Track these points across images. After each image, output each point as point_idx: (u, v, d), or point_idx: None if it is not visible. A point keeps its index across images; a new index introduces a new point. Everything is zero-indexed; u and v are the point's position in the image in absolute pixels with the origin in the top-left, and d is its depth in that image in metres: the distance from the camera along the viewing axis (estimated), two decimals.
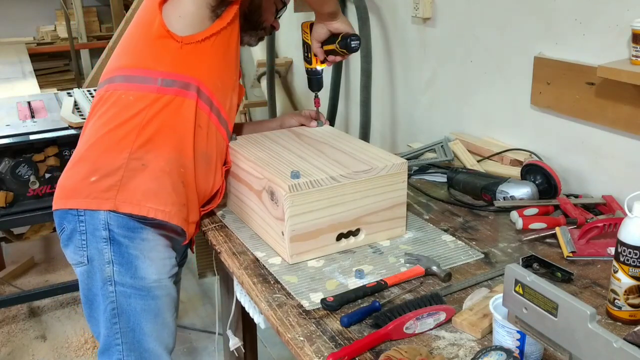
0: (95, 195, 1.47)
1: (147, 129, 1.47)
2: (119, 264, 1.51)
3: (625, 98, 1.58)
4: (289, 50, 3.52)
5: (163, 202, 1.48)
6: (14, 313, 3.11)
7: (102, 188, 1.47)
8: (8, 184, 2.43)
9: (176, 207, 1.50)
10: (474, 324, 1.15)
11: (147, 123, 1.47)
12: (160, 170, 1.48)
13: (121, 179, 1.46)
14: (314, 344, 1.13)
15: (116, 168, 1.46)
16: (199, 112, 1.51)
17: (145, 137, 1.47)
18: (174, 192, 1.50)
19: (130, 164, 1.46)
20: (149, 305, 1.55)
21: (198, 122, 1.52)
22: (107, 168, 1.47)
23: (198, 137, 1.53)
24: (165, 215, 1.48)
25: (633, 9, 1.55)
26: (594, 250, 1.41)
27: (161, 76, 1.48)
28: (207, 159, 1.57)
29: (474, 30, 2.09)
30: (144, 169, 1.47)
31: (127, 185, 1.46)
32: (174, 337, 1.66)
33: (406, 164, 1.50)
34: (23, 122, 2.52)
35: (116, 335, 1.55)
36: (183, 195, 1.52)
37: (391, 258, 1.43)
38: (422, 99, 2.43)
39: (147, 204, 1.47)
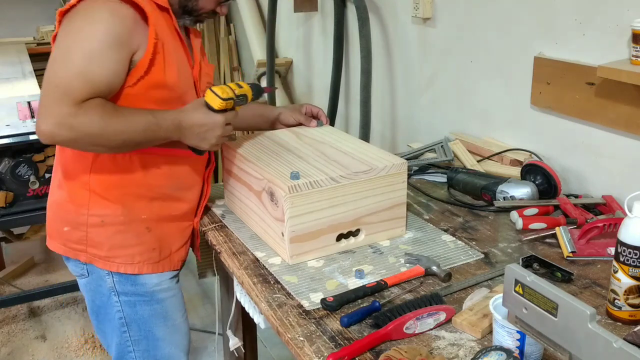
0: (69, 245, 1.52)
1: (95, 186, 1.47)
2: (117, 275, 1.53)
3: (625, 98, 1.58)
4: (289, 50, 3.52)
5: (130, 255, 1.51)
6: (14, 313, 3.11)
7: (73, 239, 1.51)
8: (8, 184, 2.43)
9: (145, 256, 1.53)
10: (474, 324, 1.15)
11: (93, 180, 1.47)
12: (120, 224, 1.49)
13: (86, 234, 1.49)
14: (314, 344, 1.13)
15: (80, 223, 1.49)
16: (149, 159, 1.48)
17: (96, 195, 1.47)
18: (139, 242, 1.51)
19: (90, 220, 1.48)
20: (155, 310, 1.56)
21: (154, 166, 1.49)
22: (73, 221, 1.50)
23: (159, 179, 1.51)
24: (135, 268, 1.52)
25: (633, 9, 1.55)
26: (594, 250, 1.41)
27: None
28: (182, 186, 1.56)
29: (474, 30, 2.09)
30: (104, 225, 1.49)
31: (93, 240, 1.50)
32: (188, 337, 1.67)
33: (406, 164, 1.50)
34: (23, 122, 2.52)
35: (127, 344, 1.57)
36: (151, 240, 1.53)
37: (391, 258, 1.43)
38: (422, 99, 2.42)
39: (116, 260, 1.51)
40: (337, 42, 2.83)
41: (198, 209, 1.65)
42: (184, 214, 1.60)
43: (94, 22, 1.31)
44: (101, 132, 1.30)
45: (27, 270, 3.45)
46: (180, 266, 1.63)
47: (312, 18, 3.18)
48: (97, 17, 1.31)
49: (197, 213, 1.65)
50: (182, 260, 1.63)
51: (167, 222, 1.56)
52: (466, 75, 2.16)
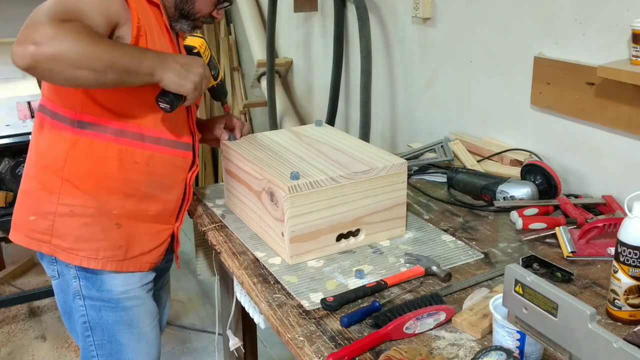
0: (33, 235, 1.48)
1: (69, 174, 1.43)
2: (84, 279, 1.51)
3: (625, 98, 1.58)
4: (289, 50, 3.52)
5: (94, 250, 1.47)
6: (14, 313, 3.11)
7: (38, 229, 1.47)
8: (8, 184, 2.43)
9: (109, 252, 1.48)
10: (474, 324, 1.15)
11: (67, 168, 1.43)
12: (90, 216, 1.45)
13: (53, 223, 1.45)
14: (313, 344, 1.13)
15: (48, 212, 1.45)
16: (126, 151, 1.44)
17: (69, 183, 1.43)
18: (105, 238, 1.47)
19: (59, 210, 1.44)
20: (120, 317, 1.54)
21: (132, 160, 1.45)
22: (41, 209, 1.46)
23: (136, 173, 1.47)
24: (98, 263, 1.48)
25: (633, 9, 1.55)
26: (594, 250, 1.41)
27: (76, 117, 1.41)
28: (159, 184, 1.52)
29: (474, 30, 2.09)
30: (73, 215, 1.45)
31: (59, 230, 1.45)
32: (155, 346, 1.64)
33: (406, 164, 1.50)
34: (23, 122, 2.52)
35: (91, 347, 1.56)
36: (118, 238, 1.49)
37: (391, 258, 1.43)
38: (422, 99, 2.42)
39: (80, 252, 1.46)
40: (337, 42, 2.83)
41: (180, 213, 1.61)
42: (160, 215, 1.55)
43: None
44: (87, 48, 1.21)
45: (27, 270, 3.45)
46: (149, 268, 1.57)
47: (312, 18, 3.18)
48: None
49: (178, 218, 1.61)
50: (152, 263, 1.57)
51: (139, 221, 1.51)
52: (466, 75, 2.16)
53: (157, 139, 1.48)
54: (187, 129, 1.56)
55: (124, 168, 1.45)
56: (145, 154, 1.47)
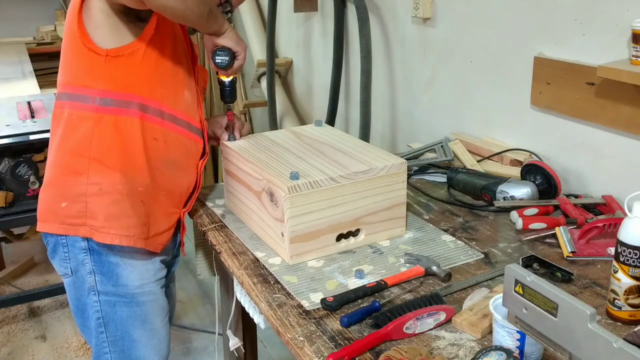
0: (68, 221, 1.48)
1: (95, 152, 1.45)
2: (100, 273, 1.51)
3: (625, 98, 1.58)
4: (289, 50, 3.52)
5: (126, 226, 1.48)
6: (14, 313, 3.11)
7: (72, 214, 1.48)
8: (8, 184, 2.43)
9: (138, 229, 1.50)
10: (474, 324, 1.15)
11: (94, 146, 1.45)
12: (118, 193, 1.47)
13: (86, 205, 1.46)
14: (314, 344, 1.13)
15: (79, 194, 1.46)
16: (148, 127, 1.49)
17: (96, 161, 1.46)
18: (135, 214, 1.49)
19: (89, 190, 1.46)
20: (134, 312, 1.55)
21: (152, 136, 1.49)
22: (71, 194, 1.47)
23: (155, 151, 1.51)
24: (130, 240, 1.49)
25: (633, 9, 1.55)
26: (594, 250, 1.41)
27: (98, 95, 1.44)
28: (174, 164, 1.56)
29: (474, 30, 2.09)
30: (102, 194, 1.46)
31: (92, 210, 1.47)
32: (166, 342, 1.65)
33: (406, 164, 1.50)
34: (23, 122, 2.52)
35: (104, 344, 1.56)
36: (143, 215, 1.51)
37: (391, 258, 1.43)
38: (422, 99, 2.42)
39: (111, 230, 1.48)
40: (337, 42, 2.83)
41: (189, 199, 1.63)
42: (172, 197, 1.58)
43: None
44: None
45: (27, 270, 3.45)
46: (160, 250, 1.58)
47: (312, 18, 3.18)
48: None
49: (186, 204, 1.63)
50: (162, 245, 1.58)
51: (156, 201, 1.54)
52: (466, 75, 2.16)
53: (174, 117, 1.53)
54: (197, 115, 1.61)
55: (146, 144, 1.48)
56: (164, 131, 1.51)
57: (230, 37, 1.51)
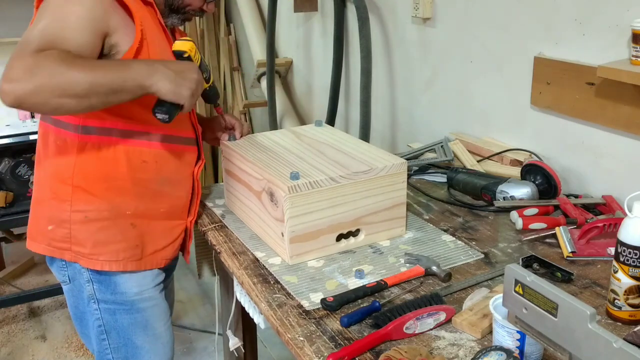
0: (54, 244, 1.47)
1: (78, 180, 1.43)
2: (98, 282, 1.50)
3: (625, 98, 1.58)
4: (289, 50, 3.52)
5: (114, 252, 1.47)
6: (14, 313, 3.11)
7: (58, 238, 1.46)
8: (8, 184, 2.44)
9: (129, 253, 1.49)
10: (474, 324, 1.15)
11: (77, 174, 1.42)
12: (105, 220, 1.45)
13: (70, 231, 1.45)
14: (313, 344, 1.13)
15: (63, 220, 1.45)
16: (135, 151, 1.44)
17: (80, 189, 1.43)
18: (124, 239, 1.48)
19: (74, 217, 1.44)
20: (135, 319, 1.54)
21: (141, 159, 1.45)
22: (57, 218, 1.45)
23: (145, 173, 1.47)
24: (119, 265, 1.48)
25: (633, 9, 1.55)
26: (594, 250, 1.41)
27: (80, 122, 1.40)
28: (168, 181, 1.52)
29: (474, 30, 2.09)
30: (88, 221, 1.44)
31: (77, 237, 1.45)
32: (170, 345, 1.64)
33: (406, 164, 1.50)
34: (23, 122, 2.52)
35: (106, 351, 1.55)
36: (134, 237, 1.49)
37: (391, 258, 1.43)
38: (422, 99, 2.42)
39: (100, 257, 1.46)
40: (337, 42, 2.83)
41: (191, 207, 1.62)
42: (171, 211, 1.55)
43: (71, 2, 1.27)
44: (64, 75, 1.19)
45: (27, 270, 3.46)
46: (165, 264, 1.57)
47: (312, 18, 3.18)
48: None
49: (190, 212, 1.62)
50: (166, 259, 1.57)
51: (152, 219, 1.51)
52: (466, 75, 2.16)
53: (163, 136, 1.48)
54: (189, 124, 1.57)
55: (133, 168, 1.45)
56: (153, 152, 1.47)
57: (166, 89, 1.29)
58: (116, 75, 1.24)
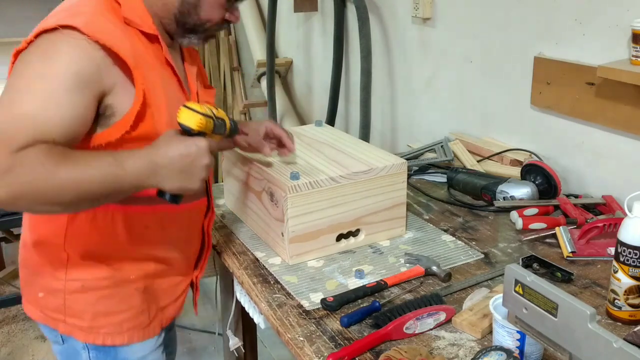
0: (47, 313, 1.29)
1: (71, 248, 1.23)
2: (95, 350, 1.29)
3: (625, 98, 1.58)
4: (289, 50, 3.52)
5: (117, 324, 1.28)
6: (14, 313, 3.11)
7: (50, 307, 1.28)
8: None
9: (133, 322, 1.30)
10: (474, 324, 1.15)
11: (69, 242, 1.22)
12: (105, 288, 1.26)
13: (64, 301, 1.25)
14: (313, 344, 1.13)
15: (56, 289, 1.25)
16: (136, 217, 1.23)
17: (76, 256, 1.23)
18: (128, 307, 1.29)
19: (69, 286, 1.25)
20: None
21: (143, 225, 1.25)
22: (48, 286, 1.27)
23: (149, 238, 1.27)
24: (124, 337, 1.29)
25: (633, 9, 1.55)
26: (594, 250, 1.41)
27: None
28: (175, 241, 1.33)
29: (474, 30, 2.09)
30: (85, 291, 1.25)
31: (73, 308, 1.26)
32: None
33: (406, 164, 1.50)
34: None
35: None
36: (140, 302, 1.30)
37: (391, 258, 1.43)
38: (422, 99, 2.42)
39: (101, 330, 1.27)
40: (337, 42, 2.83)
41: (199, 261, 1.43)
42: (179, 267, 1.38)
43: (52, 58, 1.04)
44: (46, 185, 0.99)
45: None
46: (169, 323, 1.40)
47: (312, 18, 3.18)
48: (56, 53, 1.04)
49: (198, 265, 1.44)
50: (172, 317, 1.41)
51: (158, 278, 1.33)
52: (466, 75, 2.16)
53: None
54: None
55: (134, 235, 1.24)
56: (157, 216, 1.26)
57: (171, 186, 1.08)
58: (110, 179, 1.03)
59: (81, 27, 1.05)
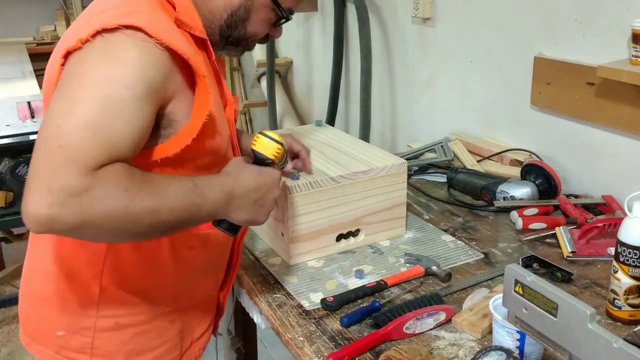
0: (65, 354, 1.15)
1: (111, 279, 1.11)
2: None
3: (625, 98, 1.58)
4: (289, 50, 3.52)
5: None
6: (14, 313, 3.11)
7: (71, 347, 1.14)
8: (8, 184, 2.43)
9: (168, 357, 1.22)
10: (474, 324, 1.15)
11: (109, 271, 1.11)
12: (142, 324, 1.16)
13: (92, 340, 1.13)
14: (313, 344, 1.13)
15: (84, 328, 1.13)
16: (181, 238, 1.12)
17: (112, 288, 1.12)
18: (162, 342, 1.19)
19: (100, 324, 1.13)
20: None
21: (187, 245, 1.14)
22: (73, 325, 1.14)
23: (190, 260, 1.17)
24: None
25: (633, 9, 1.55)
26: (594, 250, 1.41)
27: None
28: (213, 263, 1.25)
29: (474, 30, 2.09)
30: (120, 328, 1.14)
31: (102, 348, 1.14)
32: None
33: (406, 164, 1.50)
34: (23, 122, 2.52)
35: None
36: (174, 336, 1.22)
37: (391, 258, 1.43)
38: (422, 99, 2.42)
39: None
40: (337, 42, 2.83)
41: (226, 280, 1.33)
42: (211, 292, 1.29)
43: (120, 62, 0.92)
44: (126, 214, 0.87)
45: None
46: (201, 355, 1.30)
47: (312, 18, 3.18)
48: (124, 56, 0.92)
49: (223, 286, 1.33)
50: (202, 349, 1.30)
51: (191, 308, 1.24)
52: (466, 75, 2.16)
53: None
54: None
55: (178, 258, 1.15)
56: (202, 235, 1.16)
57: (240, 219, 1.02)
58: (191, 209, 0.95)
59: (146, 28, 0.94)
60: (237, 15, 1.11)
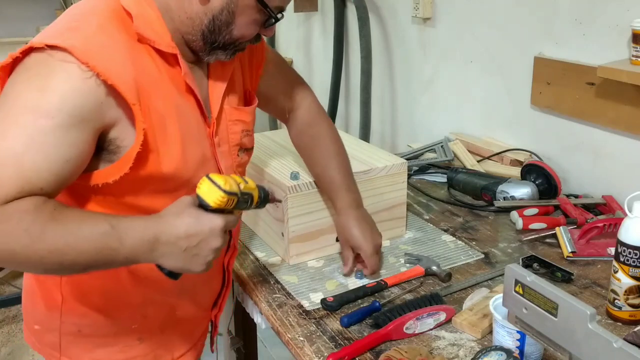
0: (42, 345, 1.19)
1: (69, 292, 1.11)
2: None
3: (626, 98, 1.58)
4: (289, 50, 3.52)
5: None
6: (14, 313, 3.11)
7: (45, 342, 1.18)
8: None
9: None
10: (474, 324, 1.15)
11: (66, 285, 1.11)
12: (103, 336, 1.15)
13: (59, 341, 1.15)
14: (314, 344, 1.13)
15: (52, 328, 1.15)
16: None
17: (73, 298, 1.12)
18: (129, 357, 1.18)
19: (65, 328, 1.14)
20: None
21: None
22: (44, 322, 1.17)
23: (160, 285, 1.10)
24: None
25: (633, 9, 1.55)
26: (594, 250, 1.41)
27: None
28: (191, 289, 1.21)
29: (474, 30, 2.09)
30: (82, 336, 1.14)
31: (69, 350, 1.16)
32: None
33: (406, 164, 1.50)
34: None
35: None
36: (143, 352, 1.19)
37: (391, 258, 1.43)
38: (422, 99, 2.42)
39: None
40: (337, 42, 2.83)
41: (219, 299, 1.30)
42: (194, 313, 1.26)
43: (44, 90, 0.88)
44: (27, 255, 0.85)
45: None
46: None
47: (312, 18, 3.18)
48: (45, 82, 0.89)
49: (216, 304, 1.31)
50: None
51: (169, 327, 1.20)
52: (466, 75, 2.16)
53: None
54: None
55: (138, 280, 1.11)
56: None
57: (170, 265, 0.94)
58: (104, 253, 0.89)
59: (73, 50, 0.89)
60: (219, 19, 1.02)
